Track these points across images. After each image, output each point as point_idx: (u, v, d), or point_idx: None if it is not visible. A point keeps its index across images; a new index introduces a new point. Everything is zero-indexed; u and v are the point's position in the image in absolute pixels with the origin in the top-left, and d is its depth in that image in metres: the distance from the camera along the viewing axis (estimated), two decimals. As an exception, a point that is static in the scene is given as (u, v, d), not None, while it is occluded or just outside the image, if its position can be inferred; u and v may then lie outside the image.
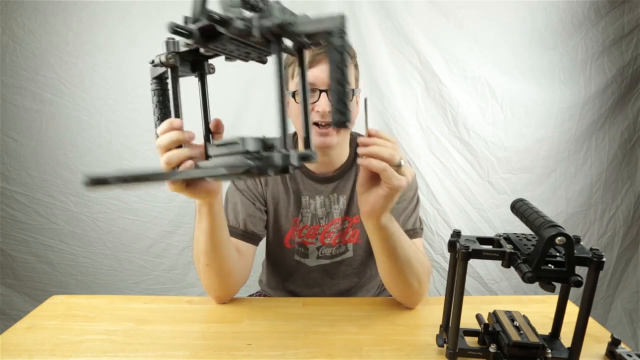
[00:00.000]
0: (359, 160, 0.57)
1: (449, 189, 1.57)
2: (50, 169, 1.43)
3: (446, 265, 1.58)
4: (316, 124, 0.75)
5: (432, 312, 0.73)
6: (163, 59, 0.46)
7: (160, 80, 0.52)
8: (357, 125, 0.71)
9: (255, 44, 0.40)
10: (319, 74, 0.74)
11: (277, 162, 0.38)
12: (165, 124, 0.50)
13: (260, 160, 0.38)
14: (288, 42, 0.40)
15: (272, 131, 0.40)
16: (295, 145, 0.89)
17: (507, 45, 1.48)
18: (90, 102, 1.40)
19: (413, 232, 0.79)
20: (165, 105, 0.53)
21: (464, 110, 1.50)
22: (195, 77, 0.50)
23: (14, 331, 0.65)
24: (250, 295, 1.01)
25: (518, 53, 1.49)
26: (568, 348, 0.54)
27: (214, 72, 0.51)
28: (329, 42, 0.37)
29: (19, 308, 1.50)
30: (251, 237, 0.81)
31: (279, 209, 0.88)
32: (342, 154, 0.86)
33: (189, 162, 0.49)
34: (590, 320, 0.55)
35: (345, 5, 1.40)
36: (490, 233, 0.85)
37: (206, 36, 0.39)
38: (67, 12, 1.33)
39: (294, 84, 0.77)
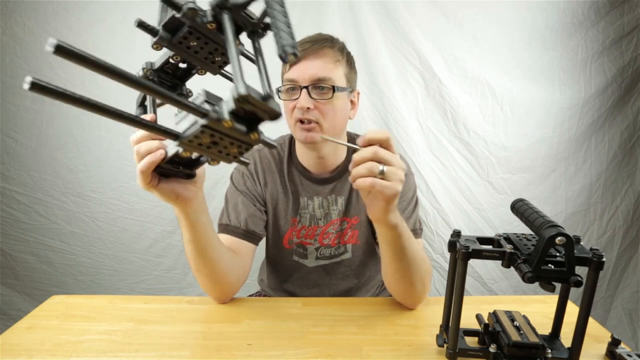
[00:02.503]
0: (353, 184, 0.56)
1: (449, 189, 1.57)
2: (50, 169, 1.43)
3: (446, 265, 1.58)
4: (301, 120, 0.76)
5: (432, 312, 0.73)
6: (140, 72, 0.47)
7: (143, 107, 0.53)
8: (355, 125, 0.71)
9: (211, 34, 0.41)
10: (299, 70, 0.74)
11: (239, 90, 0.34)
12: (140, 132, 0.50)
13: (219, 102, 0.37)
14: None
15: (272, 131, 0.40)
16: (293, 147, 0.89)
17: (507, 45, 1.48)
18: (90, 102, 1.40)
19: (413, 233, 0.79)
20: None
21: (464, 110, 1.50)
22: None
23: (14, 331, 0.65)
24: (250, 295, 1.01)
25: (518, 53, 1.49)
26: (568, 348, 0.54)
27: (192, 96, 0.51)
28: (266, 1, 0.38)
29: (19, 308, 1.50)
30: (252, 237, 0.81)
31: (278, 210, 0.88)
32: (338, 155, 0.86)
33: (160, 151, 0.48)
34: (590, 320, 0.55)
35: (345, 5, 1.40)
36: (490, 233, 0.85)
37: (169, 30, 0.41)
38: (67, 12, 1.33)
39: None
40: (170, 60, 0.46)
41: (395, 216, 0.60)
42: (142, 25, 0.40)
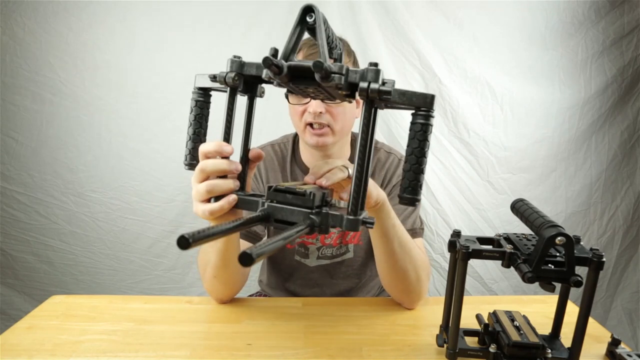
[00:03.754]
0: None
1: (449, 189, 1.57)
2: (50, 169, 1.43)
3: (446, 265, 1.58)
4: (310, 124, 0.75)
5: (432, 312, 0.73)
6: (229, 80, 0.43)
7: (205, 92, 0.50)
8: (355, 125, 0.71)
9: (332, 91, 0.41)
10: None
11: (345, 226, 0.39)
12: (214, 146, 0.46)
13: (326, 218, 0.39)
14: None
15: (271, 131, 0.40)
16: (297, 146, 0.89)
17: (507, 45, 1.48)
18: (90, 102, 1.40)
19: (412, 232, 0.79)
20: (203, 120, 0.50)
21: (464, 110, 1.50)
22: (242, 94, 0.48)
23: (14, 331, 0.65)
24: (250, 295, 1.01)
25: (518, 53, 1.49)
26: (568, 348, 0.54)
27: (263, 97, 0.49)
28: (415, 116, 0.39)
29: (19, 308, 1.50)
30: (253, 237, 0.82)
31: None
32: (342, 155, 0.86)
33: (232, 196, 0.46)
34: (590, 320, 0.55)
35: (345, 5, 1.40)
36: (490, 233, 0.85)
37: (293, 76, 0.39)
38: (67, 12, 1.33)
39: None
40: (275, 84, 0.42)
41: (378, 192, 0.61)
42: (271, 63, 0.37)
